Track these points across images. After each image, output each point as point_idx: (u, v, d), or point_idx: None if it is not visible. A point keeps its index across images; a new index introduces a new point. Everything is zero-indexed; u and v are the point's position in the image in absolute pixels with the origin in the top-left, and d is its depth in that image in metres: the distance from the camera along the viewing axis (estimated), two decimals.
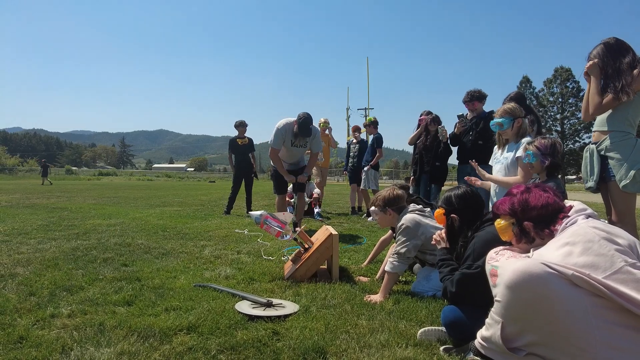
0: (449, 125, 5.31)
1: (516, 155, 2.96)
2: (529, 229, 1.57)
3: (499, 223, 1.69)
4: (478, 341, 1.54)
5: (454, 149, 5.32)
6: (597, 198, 3.04)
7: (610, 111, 2.62)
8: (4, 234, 4.75)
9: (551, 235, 1.51)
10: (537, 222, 1.55)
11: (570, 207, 1.56)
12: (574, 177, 47.44)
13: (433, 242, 2.30)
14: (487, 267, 1.59)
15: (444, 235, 2.22)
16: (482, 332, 1.51)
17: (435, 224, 2.69)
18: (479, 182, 3.21)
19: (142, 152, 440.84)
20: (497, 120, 3.12)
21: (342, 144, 11.11)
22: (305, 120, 4.83)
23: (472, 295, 1.84)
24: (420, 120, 6.27)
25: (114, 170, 70.94)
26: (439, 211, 2.22)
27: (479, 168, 3.24)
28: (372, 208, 2.88)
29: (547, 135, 2.84)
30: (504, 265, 1.45)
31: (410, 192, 5.33)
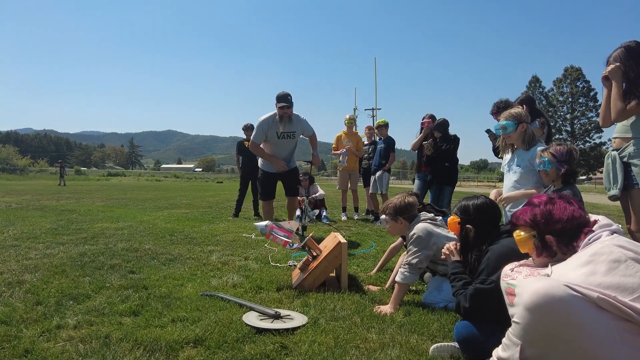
0: (458, 129, 5.28)
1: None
2: (552, 242, 1.49)
3: (519, 234, 1.60)
4: None
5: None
6: (601, 198, 2.95)
7: (633, 117, 2.53)
8: (14, 238, 4.77)
9: (573, 251, 1.44)
10: (561, 236, 1.47)
11: (595, 221, 1.48)
12: (584, 177, 46.88)
13: (443, 256, 2.22)
14: (503, 285, 1.53)
15: (457, 247, 2.16)
16: (499, 353, 1.45)
17: (447, 234, 2.63)
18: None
19: (151, 152, 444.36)
20: (501, 123, 3.05)
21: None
22: (282, 92, 4.76)
23: (486, 311, 1.78)
24: (422, 124, 6.23)
25: (122, 171, 71.59)
26: (454, 219, 2.14)
27: (509, 194, 3.03)
28: (383, 216, 2.82)
29: (562, 142, 2.76)
30: (523, 284, 1.38)
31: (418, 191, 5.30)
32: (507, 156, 3.21)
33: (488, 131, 4.67)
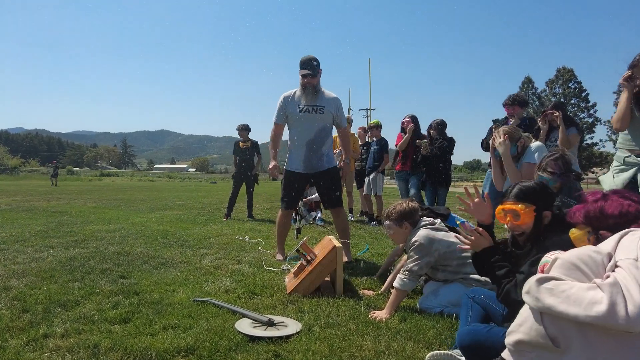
0: (455, 128, 5.26)
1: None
2: (606, 237, 1.43)
3: (574, 232, 1.57)
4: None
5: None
6: None
7: None
8: (1, 241, 4.67)
9: None
10: (615, 231, 1.41)
11: None
12: None
13: (465, 246, 1.97)
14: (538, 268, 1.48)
15: (482, 233, 1.93)
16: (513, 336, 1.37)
17: (448, 238, 2.60)
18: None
19: (144, 152, 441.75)
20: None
21: None
22: (306, 56, 3.79)
23: None
24: (402, 123, 6.27)
25: (115, 171, 71.05)
26: (526, 208, 1.82)
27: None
28: (387, 222, 2.72)
29: (552, 152, 2.70)
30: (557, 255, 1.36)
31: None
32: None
33: (496, 121, 4.65)
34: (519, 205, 1.83)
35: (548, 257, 1.41)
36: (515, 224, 1.85)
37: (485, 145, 4.79)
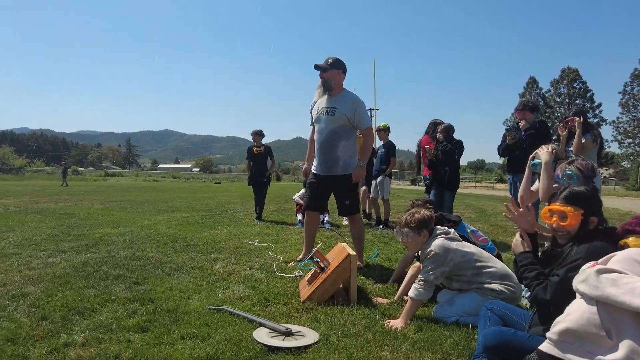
0: (463, 132, 5.25)
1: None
2: None
3: (632, 241, 1.59)
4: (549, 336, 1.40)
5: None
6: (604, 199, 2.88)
7: None
8: (15, 245, 4.71)
9: None
10: None
11: None
12: None
13: (513, 249, 2.08)
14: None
15: (524, 238, 2.06)
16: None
17: (463, 248, 2.60)
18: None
19: (148, 152, 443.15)
20: (536, 160, 2.94)
21: None
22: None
23: (565, 305, 1.53)
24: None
25: (120, 171, 71.33)
26: (574, 211, 1.85)
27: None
28: (405, 229, 2.67)
29: (582, 157, 2.72)
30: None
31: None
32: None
33: (509, 128, 4.67)
34: (568, 208, 1.86)
35: (585, 268, 1.41)
36: (561, 225, 1.89)
37: (502, 152, 4.84)
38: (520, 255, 2.03)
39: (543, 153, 2.89)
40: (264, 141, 8.14)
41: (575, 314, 1.30)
